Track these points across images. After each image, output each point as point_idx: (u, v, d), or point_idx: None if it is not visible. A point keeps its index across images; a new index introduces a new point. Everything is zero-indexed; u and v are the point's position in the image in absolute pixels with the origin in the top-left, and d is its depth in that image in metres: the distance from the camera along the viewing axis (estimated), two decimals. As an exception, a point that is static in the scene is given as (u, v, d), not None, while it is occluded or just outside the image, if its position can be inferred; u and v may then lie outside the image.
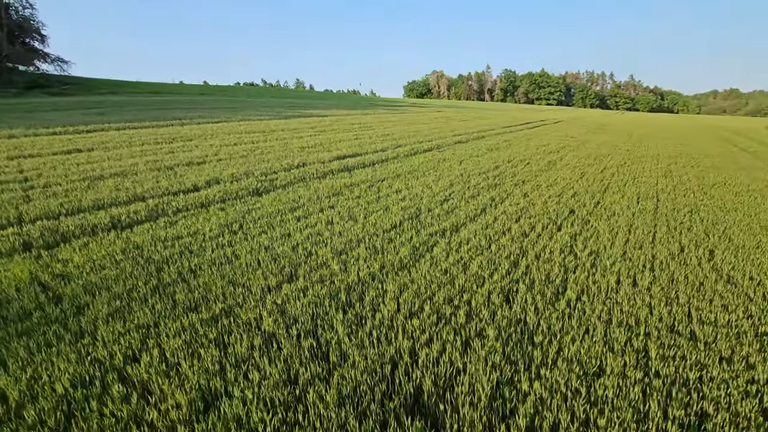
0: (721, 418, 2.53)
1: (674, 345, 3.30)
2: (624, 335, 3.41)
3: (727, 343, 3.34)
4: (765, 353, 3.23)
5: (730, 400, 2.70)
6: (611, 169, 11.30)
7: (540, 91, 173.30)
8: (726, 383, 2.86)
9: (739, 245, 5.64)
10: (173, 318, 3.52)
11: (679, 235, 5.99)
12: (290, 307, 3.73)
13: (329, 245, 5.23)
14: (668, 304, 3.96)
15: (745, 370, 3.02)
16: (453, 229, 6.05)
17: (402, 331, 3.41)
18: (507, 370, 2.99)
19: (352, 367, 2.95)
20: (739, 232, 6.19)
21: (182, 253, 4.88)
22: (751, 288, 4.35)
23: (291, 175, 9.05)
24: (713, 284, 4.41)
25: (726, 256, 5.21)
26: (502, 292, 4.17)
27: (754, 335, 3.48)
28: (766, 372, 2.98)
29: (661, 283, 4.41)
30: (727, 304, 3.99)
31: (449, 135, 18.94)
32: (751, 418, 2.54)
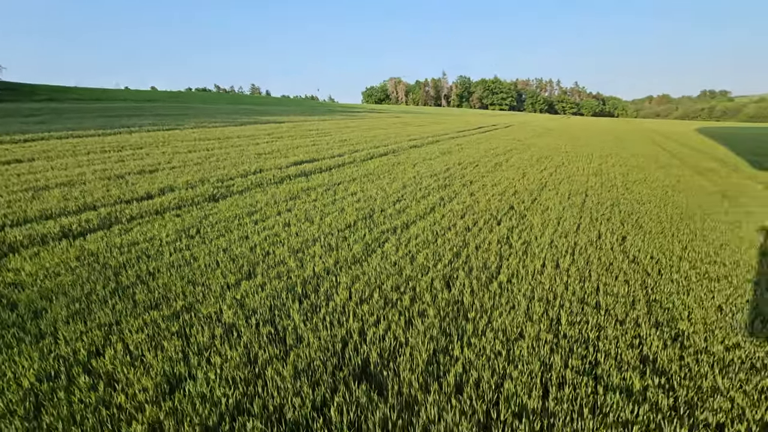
0: (608, 365, 3.13)
1: (581, 313, 3.93)
2: (542, 308, 4.01)
3: (623, 309, 4.01)
4: (650, 315, 3.93)
5: (618, 351, 3.32)
6: (550, 169, 12.34)
7: (493, 96, 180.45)
8: (617, 338, 3.50)
9: (647, 231, 6.54)
10: (135, 316, 3.70)
11: (599, 224, 6.82)
12: (249, 301, 4.02)
13: (286, 245, 5.53)
14: (581, 281, 4.63)
15: (633, 329, 3.68)
16: (404, 227, 6.53)
17: (353, 315, 3.81)
18: (443, 341, 3.47)
19: (307, 347, 3.30)
20: (648, 220, 7.14)
21: (140, 257, 5.00)
22: (650, 265, 5.14)
23: (248, 181, 9.21)
24: (620, 264, 5.17)
25: (635, 241, 6.05)
26: (444, 278, 4.67)
27: (645, 302, 4.19)
28: (648, 329, 3.65)
29: (578, 265, 5.11)
30: (629, 279, 4.73)
31: (405, 140, 19.63)
32: (630, 363, 3.17)
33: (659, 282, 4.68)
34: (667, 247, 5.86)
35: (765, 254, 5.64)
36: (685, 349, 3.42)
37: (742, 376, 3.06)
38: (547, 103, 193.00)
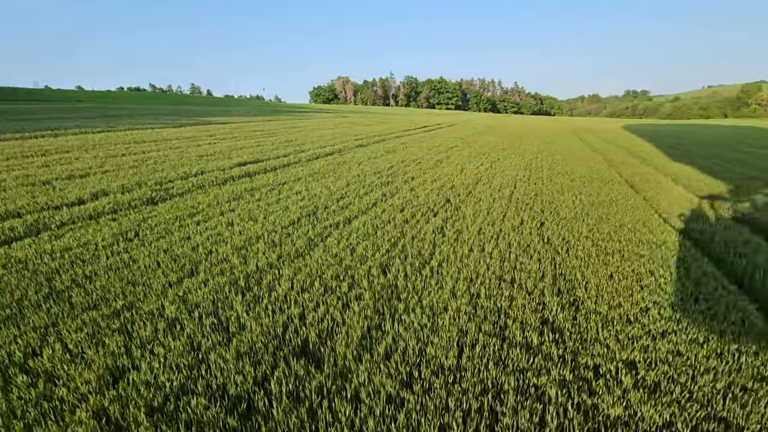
0: (515, 327, 3.68)
1: (498, 287, 4.50)
2: (466, 286, 4.53)
3: (533, 283, 4.64)
4: (555, 286, 4.59)
5: (524, 316, 3.90)
6: (486, 165, 13.26)
7: (440, 96, 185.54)
8: (524, 306, 4.08)
9: (562, 217, 7.39)
10: (72, 317, 3.72)
11: (522, 212, 7.59)
12: (192, 296, 4.16)
13: (229, 243, 5.66)
14: (501, 262, 5.24)
15: (539, 297, 4.30)
16: (346, 222, 6.86)
17: (294, 303, 4.09)
18: (376, 319, 3.86)
19: (249, 333, 3.54)
20: (564, 207, 8.04)
21: (74, 262, 4.91)
22: (560, 245, 5.89)
23: (189, 183, 9.08)
24: (536, 245, 5.87)
25: (551, 225, 6.84)
26: (381, 266, 5.07)
27: (552, 276, 4.86)
28: (551, 297, 4.28)
29: (500, 248, 5.73)
30: (541, 257, 5.41)
31: (352, 139, 19.95)
32: (532, 324, 3.74)
33: (566, 259, 5.41)
34: (576, 229, 6.69)
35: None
36: (579, 311, 4.08)
37: (618, 328, 3.74)
38: (490, 102, 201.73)
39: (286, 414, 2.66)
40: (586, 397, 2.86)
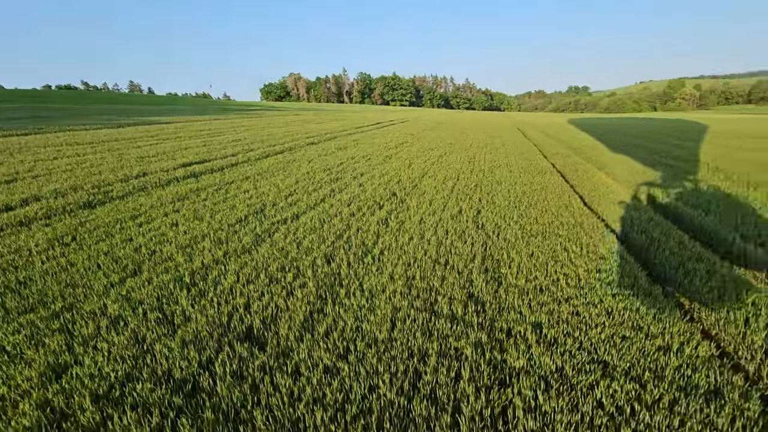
0: (443, 302, 4.12)
1: (432, 270, 4.94)
2: (403, 270, 4.92)
3: (464, 264, 5.13)
4: (483, 265, 5.11)
5: (452, 292, 4.35)
6: (433, 159, 13.86)
7: (393, 93, 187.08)
8: (453, 284, 4.54)
9: (497, 205, 8.03)
10: (8, 321, 3.69)
11: (462, 202, 8.15)
12: (135, 295, 4.23)
13: (174, 243, 5.69)
14: (438, 247, 5.70)
15: (467, 276, 4.78)
16: (293, 217, 7.06)
17: (239, 294, 4.29)
18: (318, 303, 4.15)
19: (194, 323, 3.71)
20: (500, 196, 8.71)
21: (5, 269, 4.77)
22: (492, 230, 6.46)
23: (129, 186, 8.83)
24: (470, 231, 6.40)
25: (486, 213, 7.43)
26: (325, 257, 5.36)
27: (481, 257, 5.38)
28: (478, 275, 4.78)
29: (438, 235, 6.21)
30: (474, 242, 5.94)
31: (303, 137, 19.93)
32: (459, 299, 4.20)
33: (495, 242, 5.97)
34: (508, 215, 7.32)
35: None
36: (501, 285, 4.60)
37: (531, 297, 4.29)
38: (443, 98, 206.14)
39: (229, 390, 2.89)
40: (497, 353, 3.34)
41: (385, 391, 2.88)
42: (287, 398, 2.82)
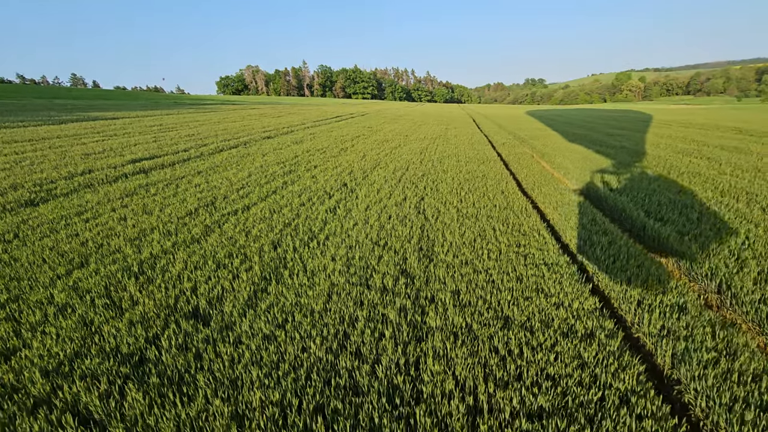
0: (378, 278, 4.59)
1: (372, 251, 5.40)
2: (345, 251, 5.35)
3: (400, 244, 5.62)
4: (419, 245, 5.62)
5: (387, 269, 4.83)
6: (386, 151, 14.33)
7: (355, 86, 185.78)
8: (389, 262, 5.02)
9: (440, 192, 8.61)
10: (-50, 314, 3.79)
11: (407, 191, 8.67)
12: (83, 284, 4.40)
13: (122, 236, 5.82)
14: (380, 231, 6.17)
15: (402, 254, 5.28)
16: (244, 209, 7.30)
17: (187, 279, 4.56)
18: (262, 284, 4.50)
19: (141, 307, 3.96)
20: (444, 184, 9.31)
21: (-57, 267, 4.76)
22: (432, 215, 7.01)
23: (75, 183, 8.68)
24: (411, 216, 6.92)
25: (429, 200, 7.98)
26: (273, 243, 5.69)
27: (417, 238, 5.90)
28: (412, 253, 5.29)
29: (381, 220, 6.68)
30: (413, 225, 6.45)
31: (259, 131, 19.81)
32: (392, 274, 4.69)
33: (433, 224, 6.52)
34: (449, 201, 7.92)
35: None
36: (432, 261, 5.13)
37: (455, 269, 4.85)
38: (405, 91, 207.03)
39: (174, 359, 3.22)
40: (419, 316, 3.85)
41: (315, 351, 3.31)
42: (228, 363, 3.19)
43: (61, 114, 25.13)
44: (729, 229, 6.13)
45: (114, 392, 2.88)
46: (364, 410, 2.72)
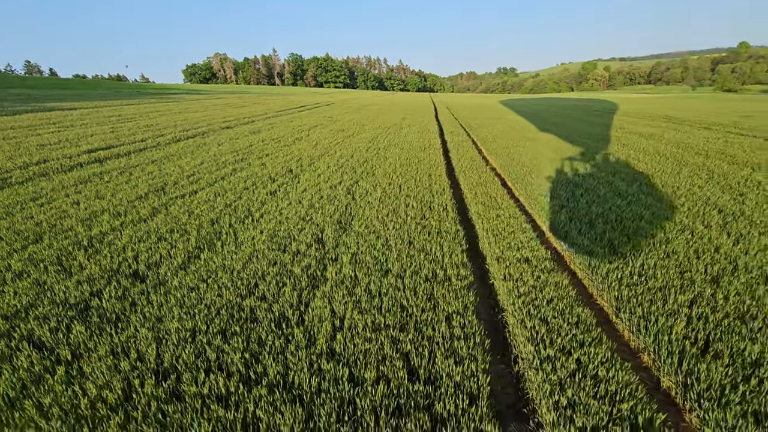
0: (295, 244, 5.53)
1: (296, 225, 6.33)
2: (273, 225, 6.25)
3: (322, 219, 6.57)
4: (341, 217, 6.59)
5: (305, 239, 5.78)
6: (339, 140, 15.17)
7: (327, 74, 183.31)
8: (308, 233, 5.97)
9: (375, 176, 9.58)
10: None
11: (345, 175, 9.60)
12: (37, 255, 5.13)
13: (75, 218, 6.51)
14: (308, 209, 7.08)
15: (321, 226, 6.24)
16: (191, 193, 8.05)
17: (130, 250, 5.36)
18: (196, 252, 5.36)
19: (88, 271, 4.77)
20: (381, 169, 10.29)
21: None
22: (360, 195, 7.98)
23: (29, 172, 9.15)
24: (341, 196, 7.86)
25: (362, 183, 8.94)
26: (211, 221, 6.52)
27: (341, 213, 6.86)
28: (330, 225, 6.25)
29: (313, 200, 7.59)
30: (339, 204, 7.40)
31: (219, 121, 20.19)
32: (307, 242, 5.65)
33: (358, 203, 7.49)
34: (378, 183, 8.90)
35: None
36: (346, 231, 6.10)
37: (363, 238, 5.84)
38: (377, 80, 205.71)
39: (113, 305, 4.07)
40: (319, 271, 4.82)
41: (228, 296, 4.24)
42: (156, 306, 4.07)
43: (15, 104, 24.55)
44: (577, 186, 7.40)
45: (62, 328, 3.73)
46: (255, 331, 3.68)
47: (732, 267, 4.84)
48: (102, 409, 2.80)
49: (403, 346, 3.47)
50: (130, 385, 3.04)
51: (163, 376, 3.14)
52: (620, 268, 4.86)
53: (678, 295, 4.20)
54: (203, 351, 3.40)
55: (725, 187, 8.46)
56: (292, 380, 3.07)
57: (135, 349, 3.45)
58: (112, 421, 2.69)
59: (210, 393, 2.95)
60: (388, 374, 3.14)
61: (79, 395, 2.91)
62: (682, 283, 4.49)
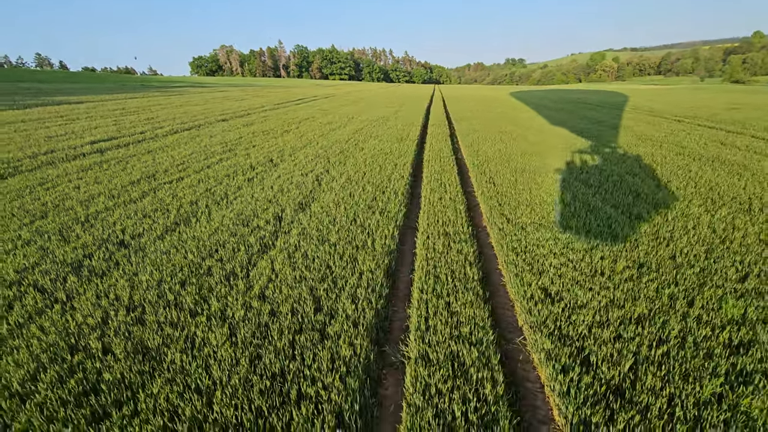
0: (257, 220, 6.56)
1: (263, 207, 7.35)
2: (242, 205, 7.28)
3: (286, 201, 7.58)
4: (299, 203, 7.60)
5: (265, 216, 6.81)
6: (324, 132, 16.14)
7: (332, 66, 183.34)
8: (269, 211, 7.00)
9: (345, 165, 10.54)
10: (-51, 245, 5.60)
11: (318, 165, 10.59)
12: (42, 228, 6.22)
13: (75, 199, 7.61)
14: (278, 192, 8.10)
15: (283, 207, 7.26)
16: (178, 180, 9.11)
17: (119, 225, 6.43)
18: (173, 226, 6.41)
19: (83, 240, 5.84)
20: (352, 160, 11.25)
21: (-64, 220, 6.49)
22: (326, 182, 8.97)
23: (38, 161, 10.29)
24: (308, 183, 8.86)
25: (332, 172, 9.92)
26: (191, 202, 7.56)
27: (301, 198, 7.87)
28: (291, 206, 7.27)
29: (284, 186, 8.60)
30: (304, 189, 8.40)
31: (217, 114, 21.25)
32: (268, 218, 6.68)
33: (323, 188, 8.48)
34: (346, 172, 9.87)
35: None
36: (303, 211, 7.11)
37: (315, 216, 6.85)
38: (383, 71, 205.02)
39: (100, 264, 5.14)
40: (271, 242, 5.84)
41: (192, 258, 5.29)
42: (134, 265, 5.13)
43: (26, 98, 25.86)
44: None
45: (60, 279, 4.81)
46: (208, 282, 4.72)
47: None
48: (85, 328, 3.86)
49: (317, 292, 4.49)
50: (107, 314, 4.10)
51: (132, 309, 4.20)
52: (521, 239, 5.82)
53: (550, 258, 5.16)
54: (165, 294, 4.45)
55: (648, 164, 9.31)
56: (227, 313, 4.11)
57: (114, 293, 4.52)
58: (92, 335, 3.75)
59: (165, 320, 4.00)
60: (299, 309, 4.16)
61: (69, 321, 3.98)
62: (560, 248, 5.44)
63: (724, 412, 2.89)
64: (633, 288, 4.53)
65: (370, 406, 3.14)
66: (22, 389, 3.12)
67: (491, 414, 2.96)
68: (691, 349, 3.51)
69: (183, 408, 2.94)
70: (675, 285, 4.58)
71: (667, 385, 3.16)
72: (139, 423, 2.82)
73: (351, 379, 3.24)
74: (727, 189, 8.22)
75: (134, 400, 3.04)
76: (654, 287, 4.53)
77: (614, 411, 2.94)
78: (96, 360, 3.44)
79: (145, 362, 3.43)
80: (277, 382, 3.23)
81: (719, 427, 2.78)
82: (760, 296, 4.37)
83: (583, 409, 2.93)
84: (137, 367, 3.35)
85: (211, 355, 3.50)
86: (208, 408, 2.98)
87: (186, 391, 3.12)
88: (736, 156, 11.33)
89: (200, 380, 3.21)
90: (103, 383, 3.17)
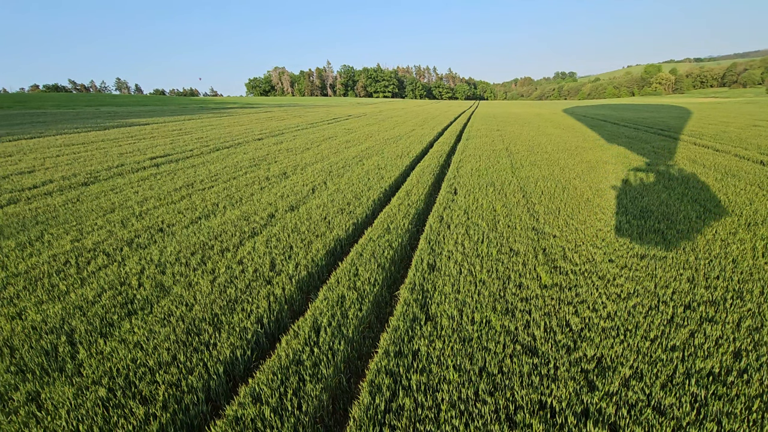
0: (255, 217, 8.92)
1: (263, 208, 9.72)
2: (248, 207, 9.69)
3: (282, 204, 9.91)
4: (291, 205, 9.90)
5: (263, 213, 9.15)
6: (339, 149, 18.55)
7: (376, 84, 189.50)
8: (267, 211, 9.34)
9: (342, 177, 12.75)
10: (49, 229, 8.42)
11: (319, 177, 12.88)
12: (110, 219, 8.95)
13: (133, 200, 10.42)
14: (278, 198, 10.45)
15: (275, 208, 9.58)
16: (209, 188, 11.78)
17: (162, 218, 9.03)
18: (197, 219, 8.91)
19: (136, 226, 8.46)
20: (350, 173, 13.45)
21: (45, 214, 9.47)
22: (318, 190, 11.22)
23: (111, 173, 13.50)
24: (306, 191, 11.16)
25: (329, 184, 12.16)
26: (214, 203, 10.09)
27: (294, 202, 10.16)
28: (283, 207, 9.58)
29: (285, 194, 10.95)
30: (300, 196, 10.70)
31: (255, 134, 24.54)
32: (264, 216, 9.01)
33: (315, 196, 10.73)
34: (339, 183, 12.06)
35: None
36: (294, 211, 9.38)
37: (300, 218, 9.08)
38: (426, 88, 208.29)
39: (147, 241, 7.65)
40: (266, 230, 8.13)
41: (203, 238, 7.67)
42: (166, 242, 7.59)
43: (105, 121, 30.94)
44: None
45: (117, 249, 7.35)
46: (208, 253, 7.03)
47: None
48: (130, 274, 6.28)
49: (275, 261, 6.66)
50: (144, 267, 6.52)
51: (158, 266, 6.60)
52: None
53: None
54: (179, 258, 6.82)
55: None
56: (213, 269, 6.38)
57: (149, 257, 6.96)
58: (133, 278, 6.15)
59: (176, 272, 6.33)
60: (260, 269, 6.35)
61: (121, 270, 6.42)
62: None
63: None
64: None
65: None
66: (95, 302, 5.53)
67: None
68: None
69: (175, 311, 5.18)
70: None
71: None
72: (153, 317, 5.09)
73: (277, 278, 5.35)
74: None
75: (151, 308, 5.33)
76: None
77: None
78: (133, 289, 5.81)
79: (161, 293, 5.74)
80: (233, 300, 5.41)
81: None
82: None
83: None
84: (156, 293, 5.67)
85: (199, 290, 5.74)
86: (189, 310, 5.21)
87: (180, 305, 5.37)
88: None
89: (190, 300, 5.46)
90: (135, 301, 5.50)
